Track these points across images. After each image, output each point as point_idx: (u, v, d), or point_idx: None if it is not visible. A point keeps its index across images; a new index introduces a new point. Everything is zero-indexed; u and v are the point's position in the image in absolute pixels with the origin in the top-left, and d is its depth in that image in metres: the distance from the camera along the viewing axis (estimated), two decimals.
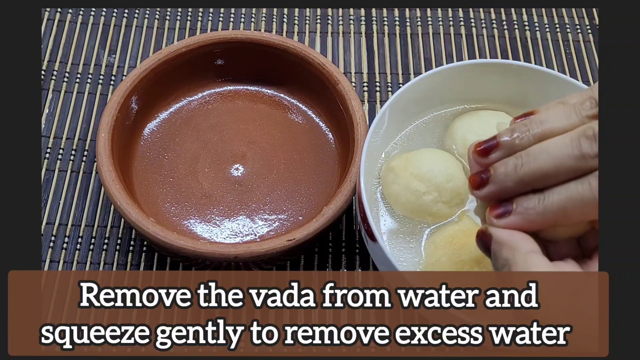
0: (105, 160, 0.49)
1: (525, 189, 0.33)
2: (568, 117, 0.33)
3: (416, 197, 0.46)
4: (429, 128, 0.52)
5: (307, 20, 0.66)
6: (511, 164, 0.33)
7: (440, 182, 0.46)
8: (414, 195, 0.46)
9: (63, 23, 0.64)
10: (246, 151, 0.55)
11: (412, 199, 0.47)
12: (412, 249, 0.47)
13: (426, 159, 0.47)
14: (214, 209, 0.52)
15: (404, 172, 0.47)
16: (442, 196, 0.47)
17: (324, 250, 0.53)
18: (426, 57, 0.64)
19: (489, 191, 0.34)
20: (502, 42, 0.66)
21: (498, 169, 0.33)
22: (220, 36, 0.55)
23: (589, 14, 0.68)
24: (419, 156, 0.48)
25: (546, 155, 0.32)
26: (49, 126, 0.58)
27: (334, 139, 0.56)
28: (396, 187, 0.47)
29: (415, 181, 0.46)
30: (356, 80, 0.63)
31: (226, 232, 0.51)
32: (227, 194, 0.53)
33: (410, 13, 0.67)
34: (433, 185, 0.46)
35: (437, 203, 0.47)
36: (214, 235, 0.51)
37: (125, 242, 0.53)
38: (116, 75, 0.62)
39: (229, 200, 0.53)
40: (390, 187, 0.48)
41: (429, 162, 0.47)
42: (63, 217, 0.54)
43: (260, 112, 0.57)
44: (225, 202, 0.52)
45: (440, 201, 0.47)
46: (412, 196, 0.46)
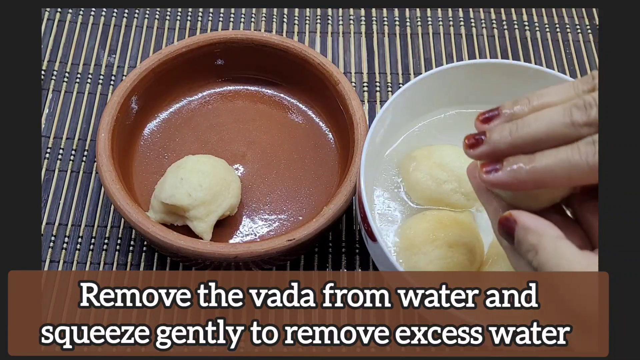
0: (105, 160, 0.49)
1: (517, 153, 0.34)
2: (566, 91, 0.34)
3: (437, 185, 0.47)
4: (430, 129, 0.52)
5: (307, 20, 0.66)
6: (507, 128, 0.34)
7: (462, 174, 0.47)
8: (435, 182, 0.47)
9: (63, 23, 0.64)
10: (246, 151, 0.55)
11: (433, 186, 0.47)
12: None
13: (449, 151, 0.48)
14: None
15: (427, 160, 0.48)
16: (462, 187, 0.47)
17: (324, 250, 0.53)
18: (426, 57, 0.64)
19: (481, 151, 0.35)
20: (502, 42, 0.66)
21: (493, 132, 0.35)
22: (220, 36, 0.55)
23: (589, 14, 0.68)
24: (443, 148, 0.49)
25: (539, 122, 0.33)
26: (49, 126, 0.58)
27: (334, 139, 0.56)
28: (417, 174, 0.48)
29: (437, 169, 0.47)
30: (356, 80, 0.63)
31: (226, 232, 0.51)
32: None
33: (410, 13, 0.67)
34: (455, 176, 0.47)
35: (455, 193, 0.47)
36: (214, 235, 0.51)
37: (125, 242, 0.53)
38: (116, 75, 0.62)
39: None
40: (410, 174, 0.48)
41: (452, 154, 0.48)
42: (63, 217, 0.54)
43: (260, 112, 0.57)
44: None
45: (459, 192, 0.47)
46: (433, 183, 0.47)
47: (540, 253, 0.32)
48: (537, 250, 0.32)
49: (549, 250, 0.32)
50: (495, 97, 0.51)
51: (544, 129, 0.33)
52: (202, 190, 0.47)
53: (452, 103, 0.52)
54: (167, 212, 0.49)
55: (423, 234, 0.45)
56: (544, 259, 0.32)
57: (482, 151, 0.35)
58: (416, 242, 0.45)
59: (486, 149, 0.35)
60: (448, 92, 0.51)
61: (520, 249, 0.34)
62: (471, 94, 0.51)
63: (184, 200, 0.47)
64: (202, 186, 0.48)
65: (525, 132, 0.34)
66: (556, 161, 0.32)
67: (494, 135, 0.35)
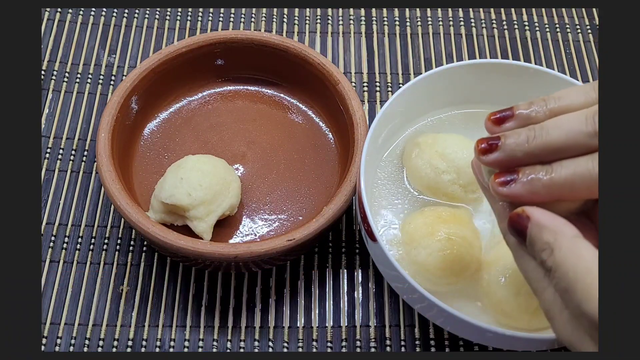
0: (105, 160, 0.49)
1: (533, 162, 0.32)
2: (586, 94, 0.33)
3: (435, 174, 0.48)
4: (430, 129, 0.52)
5: (307, 20, 0.66)
6: (523, 134, 0.32)
7: (462, 166, 0.47)
8: (434, 172, 0.48)
9: (63, 23, 0.64)
10: (246, 151, 0.55)
11: (432, 175, 0.48)
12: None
13: (454, 141, 0.48)
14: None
15: (429, 148, 0.48)
16: (460, 179, 0.47)
17: (324, 250, 0.53)
18: (426, 57, 0.64)
19: (495, 158, 0.33)
20: (502, 42, 0.66)
21: (509, 138, 0.33)
22: (220, 36, 0.55)
23: (589, 14, 0.68)
24: (448, 137, 0.49)
25: (559, 130, 0.31)
26: (49, 126, 0.58)
27: (334, 139, 0.56)
28: (418, 161, 0.48)
29: (437, 158, 0.48)
30: (356, 80, 0.63)
31: (226, 232, 0.51)
32: None
33: (410, 13, 0.67)
34: (454, 167, 0.47)
35: (453, 184, 0.48)
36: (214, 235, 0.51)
37: (125, 242, 0.53)
38: (116, 75, 0.62)
39: None
40: (412, 160, 0.49)
41: (455, 144, 0.48)
42: (63, 217, 0.54)
43: (260, 112, 0.57)
44: None
45: (457, 183, 0.48)
46: (432, 172, 0.48)
47: (557, 253, 0.30)
48: (552, 249, 0.30)
49: (565, 249, 0.30)
50: (495, 97, 0.51)
51: (564, 139, 0.31)
52: (202, 190, 0.47)
53: (452, 103, 0.52)
54: (167, 212, 0.49)
55: (422, 228, 0.45)
56: (560, 259, 0.30)
57: (497, 158, 0.33)
58: (416, 236, 0.45)
59: (501, 155, 0.33)
60: (448, 92, 0.51)
61: (532, 247, 0.32)
62: (471, 94, 0.51)
63: (184, 199, 0.47)
64: (202, 186, 0.48)
65: (545, 140, 0.32)
66: (576, 173, 0.31)
67: (509, 141, 0.33)
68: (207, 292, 0.51)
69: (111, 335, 0.49)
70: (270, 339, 0.50)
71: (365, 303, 0.51)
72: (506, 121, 0.34)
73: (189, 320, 0.50)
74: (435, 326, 0.50)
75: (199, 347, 0.49)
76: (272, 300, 0.51)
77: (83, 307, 0.50)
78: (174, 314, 0.50)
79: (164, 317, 0.50)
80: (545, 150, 0.32)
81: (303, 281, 0.52)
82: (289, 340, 0.50)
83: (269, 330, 0.50)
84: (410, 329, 0.50)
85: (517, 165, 0.33)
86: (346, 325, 0.50)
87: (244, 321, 0.50)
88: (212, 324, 0.50)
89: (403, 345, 0.50)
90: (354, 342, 0.50)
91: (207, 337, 0.50)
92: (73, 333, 0.49)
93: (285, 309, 0.51)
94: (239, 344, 0.50)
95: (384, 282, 0.52)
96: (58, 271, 0.52)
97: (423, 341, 0.50)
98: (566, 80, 0.48)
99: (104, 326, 0.50)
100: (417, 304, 0.43)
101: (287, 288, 0.52)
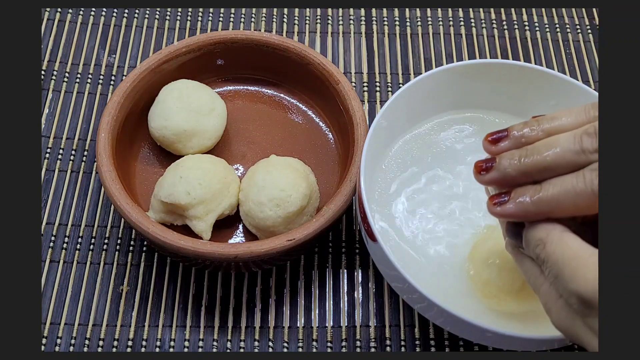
0: (105, 160, 0.49)
1: (527, 180, 0.34)
2: (577, 116, 0.35)
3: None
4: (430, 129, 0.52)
5: (307, 20, 0.66)
6: (517, 155, 0.35)
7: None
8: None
9: (63, 23, 0.64)
10: (246, 151, 0.55)
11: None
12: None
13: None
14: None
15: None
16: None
17: (324, 250, 0.53)
18: (426, 57, 0.64)
19: (491, 177, 0.35)
20: (502, 42, 0.66)
21: (503, 159, 0.35)
22: (220, 36, 0.55)
23: (589, 14, 0.68)
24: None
25: (549, 149, 0.34)
26: (49, 126, 0.58)
27: (334, 139, 0.56)
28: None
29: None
30: (356, 80, 0.63)
31: (226, 231, 0.51)
32: None
33: (410, 13, 0.67)
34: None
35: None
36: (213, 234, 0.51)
37: (125, 242, 0.53)
38: (116, 75, 0.62)
39: None
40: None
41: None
42: (63, 217, 0.54)
43: (260, 112, 0.57)
44: None
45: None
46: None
47: (548, 245, 0.33)
48: (545, 243, 0.33)
49: (555, 241, 0.33)
50: (495, 97, 0.51)
51: (553, 157, 0.33)
52: (201, 189, 0.47)
53: (452, 103, 0.52)
54: (167, 211, 0.49)
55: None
56: (550, 250, 0.32)
57: (492, 177, 0.35)
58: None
59: (496, 175, 0.35)
60: (448, 92, 0.51)
61: (528, 246, 0.34)
62: (471, 94, 0.51)
63: (183, 198, 0.47)
64: (201, 185, 0.47)
65: (535, 159, 0.34)
66: (561, 190, 0.33)
67: (503, 162, 0.35)
68: (207, 292, 0.51)
69: (111, 335, 0.49)
70: (270, 339, 0.50)
71: (365, 303, 0.51)
72: (501, 141, 0.36)
73: (189, 320, 0.50)
74: (435, 326, 0.50)
75: (199, 347, 0.49)
76: (272, 300, 0.51)
77: (83, 307, 0.50)
78: (174, 314, 0.50)
79: (164, 317, 0.50)
80: (536, 169, 0.34)
81: (303, 281, 0.52)
82: (289, 340, 0.50)
83: (269, 330, 0.50)
84: (410, 329, 0.50)
85: (512, 184, 0.35)
86: (346, 325, 0.50)
87: (244, 321, 0.50)
88: (212, 324, 0.50)
89: (403, 345, 0.50)
90: (354, 342, 0.50)
91: (207, 337, 0.50)
92: (73, 333, 0.49)
93: (285, 309, 0.51)
94: (239, 344, 0.50)
95: (384, 282, 0.52)
96: (58, 271, 0.52)
97: (423, 341, 0.50)
98: (566, 81, 0.48)
99: (104, 326, 0.50)
100: (417, 304, 0.43)
101: (287, 288, 0.52)
